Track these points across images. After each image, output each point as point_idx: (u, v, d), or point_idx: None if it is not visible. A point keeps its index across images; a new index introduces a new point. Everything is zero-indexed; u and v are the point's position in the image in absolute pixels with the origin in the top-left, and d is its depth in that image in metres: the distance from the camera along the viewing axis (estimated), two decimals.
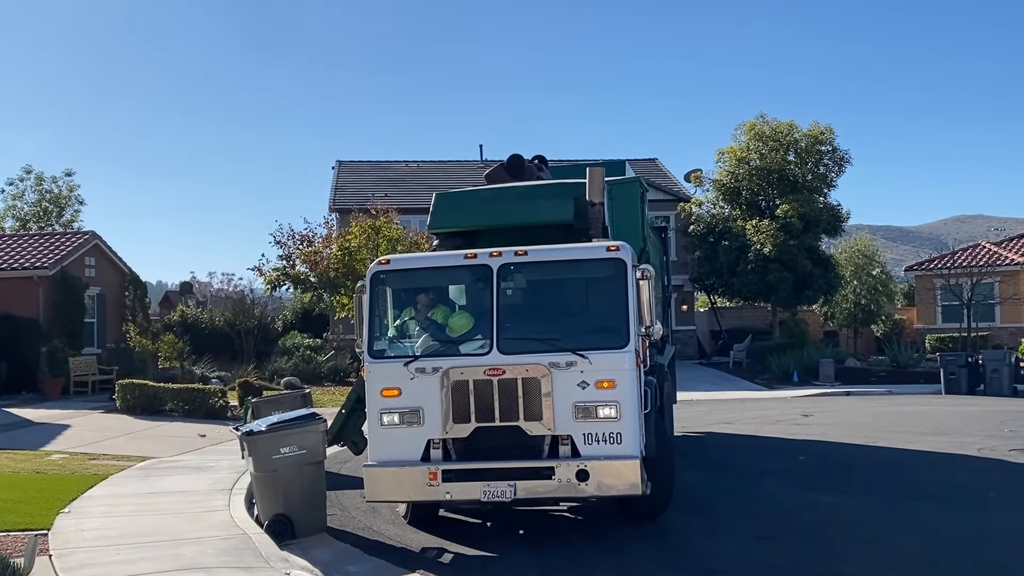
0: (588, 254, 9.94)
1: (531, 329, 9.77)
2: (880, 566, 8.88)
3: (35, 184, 45.38)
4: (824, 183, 36.30)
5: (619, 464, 9.16)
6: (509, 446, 9.39)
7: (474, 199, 12.40)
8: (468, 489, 9.41)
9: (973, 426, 18.47)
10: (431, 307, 10.17)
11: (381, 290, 10.16)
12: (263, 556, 9.12)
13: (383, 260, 10.34)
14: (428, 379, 9.48)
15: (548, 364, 9.27)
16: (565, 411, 9.24)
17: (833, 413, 21.47)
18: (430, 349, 9.80)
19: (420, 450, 9.52)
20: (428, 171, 42.83)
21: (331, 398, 25.77)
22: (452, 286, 10.62)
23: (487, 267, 9.70)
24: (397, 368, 9.62)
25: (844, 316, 40.81)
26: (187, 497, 12.00)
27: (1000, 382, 25.31)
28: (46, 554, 8.96)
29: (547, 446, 9.37)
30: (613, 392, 9.21)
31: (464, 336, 9.82)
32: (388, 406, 9.61)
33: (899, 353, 32.00)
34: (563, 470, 9.17)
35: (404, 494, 9.82)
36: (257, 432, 10.36)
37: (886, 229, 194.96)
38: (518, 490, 9.26)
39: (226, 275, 52.31)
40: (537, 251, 9.84)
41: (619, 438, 9.19)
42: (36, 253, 29.02)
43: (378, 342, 9.97)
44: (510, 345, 9.43)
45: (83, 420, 20.78)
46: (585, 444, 9.23)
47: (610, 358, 9.29)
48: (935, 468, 14.14)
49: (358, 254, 27.88)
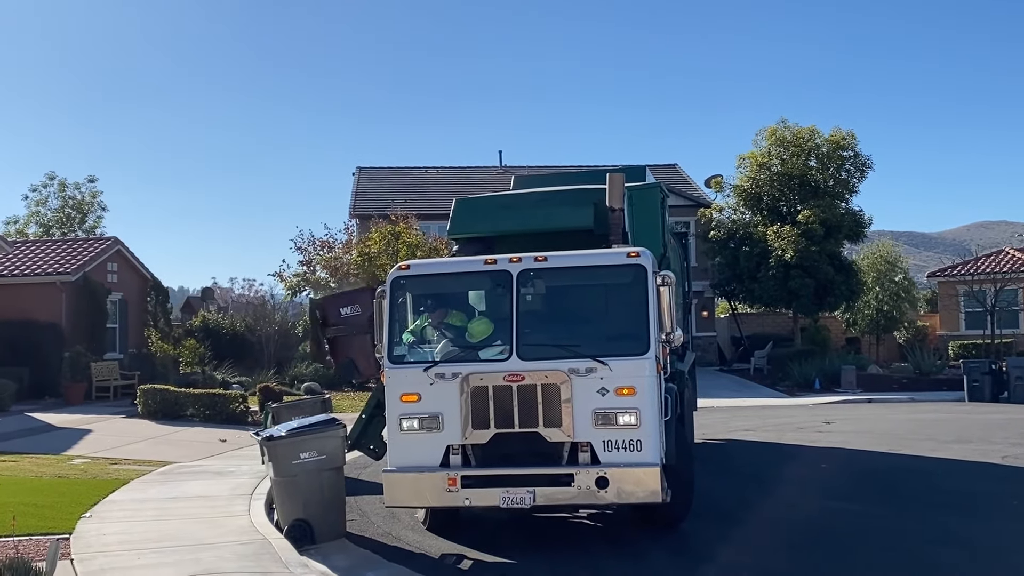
0: (608, 260, 9.90)
1: (550, 335, 9.75)
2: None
3: (58, 190, 45.72)
4: (846, 189, 36.07)
5: (639, 471, 9.10)
6: (528, 452, 9.35)
7: (493, 205, 12.40)
8: (487, 496, 9.37)
9: (997, 434, 18.31)
10: (451, 313, 10.15)
11: (401, 295, 10.14)
12: (283, 561, 9.15)
13: (403, 265, 10.31)
14: (447, 385, 9.46)
15: (568, 370, 9.24)
16: (585, 418, 9.20)
17: (855, 421, 21.34)
18: (449, 355, 9.78)
19: (439, 456, 9.49)
20: (448, 177, 42.92)
21: (350, 403, 25.83)
22: (472, 292, 10.62)
23: (507, 273, 9.68)
24: (417, 373, 9.60)
25: (866, 323, 40.55)
26: (208, 502, 12.05)
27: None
28: (68, 558, 9.01)
29: (566, 453, 9.32)
30: (633, 399, 9.16)
31: (483, 342, 9.79)
32: (408, 411, 9.59)
33: (922, 360, 31.78)
34: (583, 477, 9.14)
35: (423, 500, 9.80)
36: (277, 437, 10.41)
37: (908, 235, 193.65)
38: (537, 497, 9.22)
39: (247, 281, 52.62)
40: (557, 257, 9.83)
41: (639, 445, 9.14)
42: (59, 259, 29.24)
43: (398, 347, 9.95)
44: (530, 351, 9.41)
45: (105, 425, 20.91)
46: (605, 451, 9.18)
47: (630, 365, 9.24)
48: (958, 476, 14.02)
49: (378, 260, 27.93)
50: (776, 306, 37.38)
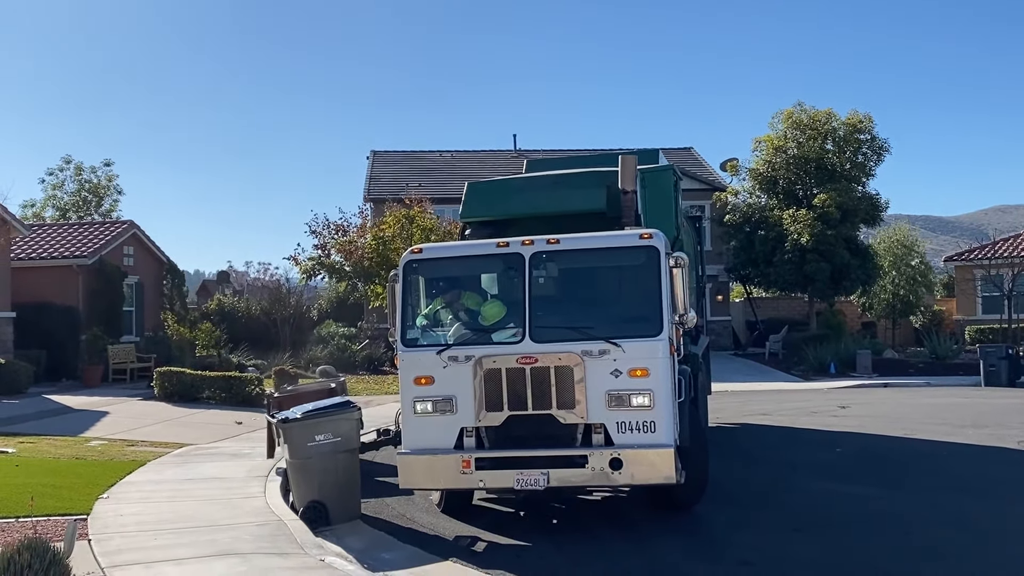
0: (621, 242, 9.91)
1: (563, 317, 9.75)
2: (917, 560, 8.79)
3: (75, 174, 45.97)
4: (862, 172, 35.89)
5: (653, 453, 9.11)
6: (542, 435, 9.38)
7: (506, 189, 12.41)
8: (501, 477, 9.42)
9: (1013, 418, 18.22)
10: (463, 296, 10.16)
11: (414, 279, 10.15)
12: (298, 542, 9.21)
13: (416, 249, 10.30)
14: (461, 367, 9.49)
15: (581, 352, 9.24)
16: (598, 399, 9.22)
17: (870, 405, 21.27)
18: (462, 337, 9.78)
19: (453, 438, 9.54)
20: (462, 160, 42.84)
21: (365, 387, 25.96)
22: (484, 275, 10.62)
23: (519, 255, 9.67)
24: (430, 356, 9.63)
25: (882, 307, 40.38)
26: (223, 484, 12.13)
27: None
28: (85, 539, 9.10)
29: (580, 435, 9.34)
30: (647, 380, 9.17)
31: (496, 324, 9.78)
32: (421, 394, 9.65)
33: (938, 345, 31.65)
34: (596, 459, 9.15)
35: (437, 482, 9.84)
36: (292, 420, 10.46)
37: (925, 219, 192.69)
38: (551, 478, 9.24)
39: (262, 264, 52.79)
40: (569, 239, 9.80)
41: (653, 427, 9.15)
42: (75, 242, 29.39)
43: (411, 331, 9.97)
44: (542, 333, 9.40)
45: (121, 407, 21.05)
46: (618, 433, 9.20)
47: (643, 346, 9.24)
48: (974, 461, 13.97)
49: (392, 243, 27.95)
50: (791, 290, 37.26)
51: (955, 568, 8.53)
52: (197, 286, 46.48)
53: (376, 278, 28.81)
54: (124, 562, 8.42)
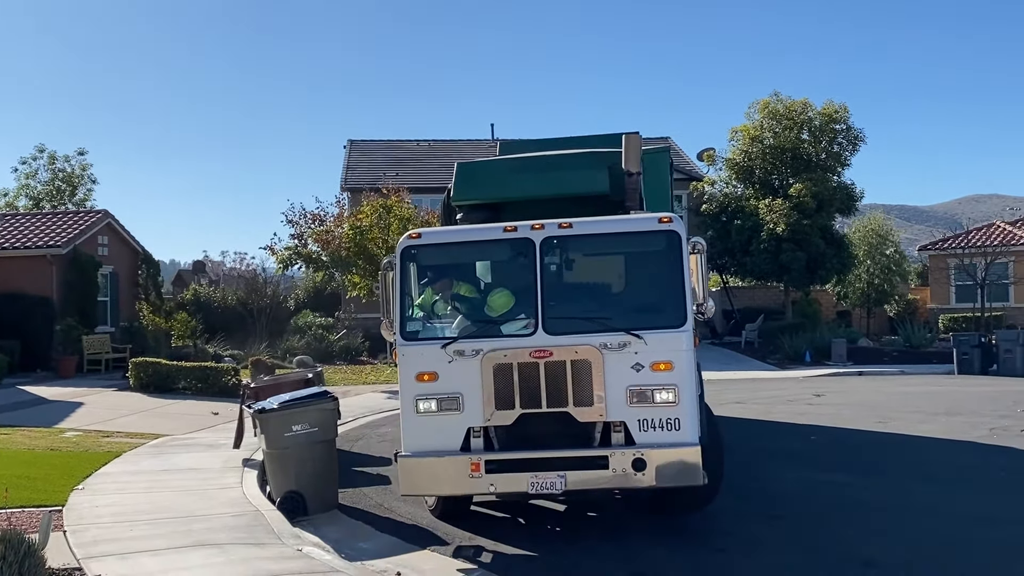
0: (639, 226, 9.25)
1: (578, 307, 9.11)
2: (890, 546, 8.90)
3: (48, 163, 45.41)
4: (838, 162, 36.11)
5: (679, 452, 8.52)
6: (557, 434, 8.74)
7: (500, 169, 11.49)
8: (514, 481, 8.69)
9: (986, 406, 18.44)
10: (466, 284, 9.56)
11: (412, 266, 9.35)
12: (275, 532, 9.21)
13: (414, 234, 9.43)
14: (468, 362, 8.77)
15: (599, 345, 8.61)
16: (618, 395, 8.59)
17: (845, 393, 21.46)
18: (467, 330, 9.06)
19: (459, 439, 8.79)
20: (439, 150, 42.69)
21: (343, 376, 25.92)
22: (487, 262, 9.92)
23: (529, 241, 8.93)
24: (434, 351, 8.88)
25: (857, 296, 40.69)
26: (200, 474, 12.10)
27: (1013, 362, 25.28)
28: (60, 530, 9.06)
29: (598, 433, 8.70)
30: (670, 375, 8.57)
31: (505, 315, 9.06)
32: (424, 392, 8.87)
33: (912, 333, 31.94)
34: (618, 459, 8.52)
35: (443, 487, 9.07)
36: (269, 410, 10.44)
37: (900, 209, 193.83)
38: (568, 481, 8.58)
39: (238, 254, 52.55)
40: (582, 223, 9.09)
41: (677, 424, 8.56)
42: (49, 232, 29.08)
43: (411, 323, 9.18)
44: (557, 325, 8.74)
45: (97, 398, 20.93)
46: (640, 431, 8.58)
47: (667, 338, 8.62)
48: (946, 449, 14.13)
49: (369, 233, 27.83)
50: (767, 279, 37.47)
51: (930, 554, 8.64)
52: (172, 276, 46.15)
53: (353, 268, 28.72)
54: (100, 553, 8.40)
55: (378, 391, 22.83)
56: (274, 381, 14.12)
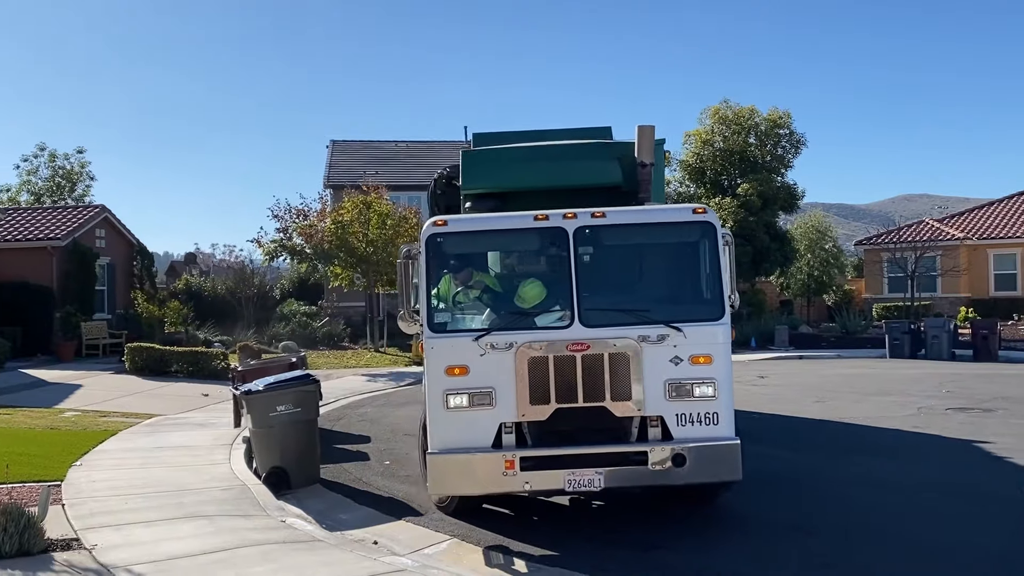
0: (674, 217, 8.73)
1: (614, 299, 8.44)
2: (829, 513, 8.99)
3: (48, 161, 44.83)
4: (782, 164, 36.42)
5: (720, 447, 7.99)
6: (592, 429, 8.06)
7: (509, 158, 10.54)
8: (549, 479, 7.96)
9: (914, 387, 18.67)
10: (494, 274, 8.89)
11: (438, 255, 8.38)
12: (261, 505, 9.16)
13: (439, 220, 8.45)
14: (501, 356, 7.99)
15: (637, 338, 7.95)
16: (656, 390, 7.96)
17: (787, 375, 21.66)
18: (500, 322, 8.24)
19: (491, 436, 8.01)
20: (416, 151, 42.52)
21: (326, 361, 25.79)
22: (514, 252, 9.19)
23: (562, 230, 8.16)
24: (465, 343, 8.05)
25: (798, 287, 41.10)
26: (191, 451, 12.01)
27: (940, 347, 25.63)
28: (59, 503, 8.96)
29: (635, 428, 8.07)
30: (709, 368, 8.00)
31: (537, 307, 8.26)
32: (455, 386, 8.03)
33: (848, 321, 32.26)
34: (658, 455, 7.91)
35: (477, 486, 8.18)
36: (255, 391, 10.37)
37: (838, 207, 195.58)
38: (606, 479, 7.92)
39: (227, 247, 52.18)
40: (616, 212, 8.39)
41: (716, 418, 8.00)
42: (50, 225, 28.85)
43: (439, 314, 8.28)
44: (594, 317, 8.04)
45: (94, 380, 20.71)
46: (678, 426, 7.98)
47: (705, 331, 8.05)
48: (880, 425, 14.28)
49: (351, 228, 27.79)
50: None
51: (865, 520, 8.74)
52: (166, 267, 45.66)
53: (335, 260, 28.64)
54: (96, 524, 8.31)
55: (358, 375, 22.76)
56: (260, 365, 14.06)
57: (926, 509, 9.14)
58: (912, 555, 7.64)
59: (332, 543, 7.98)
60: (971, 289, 37.22)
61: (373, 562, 7.35)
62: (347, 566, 7.20)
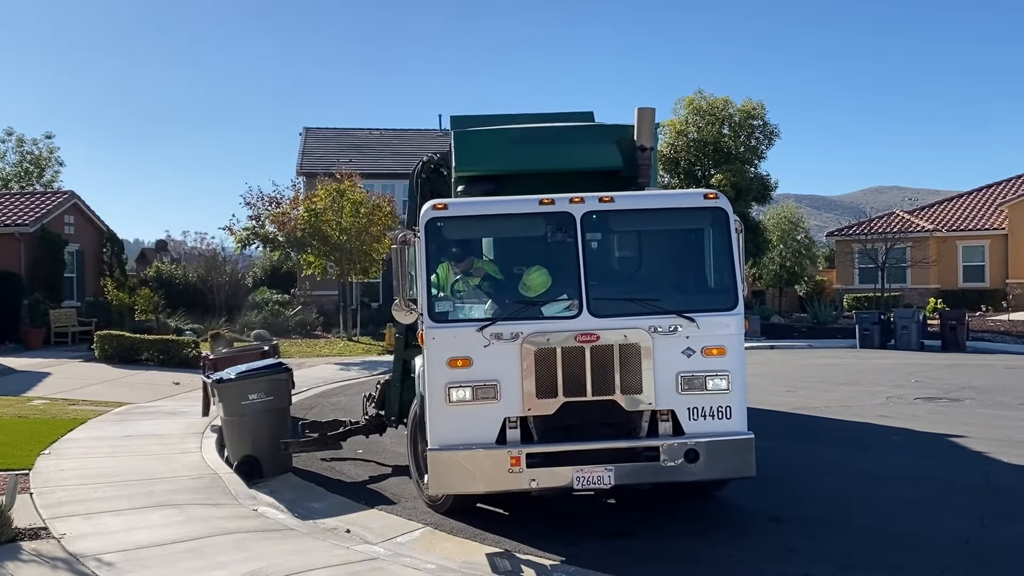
0: (684, 202, 8.54)
1: (623, 288, 8.14)
2: (796, 501, 9.08)
3: (16, 146, 44.26)
4: (755, 155, 36.63)
5: (735, 442, 7.73)
6: (601, 423, 7.77)
7: (504, 139, 9.94)
8: (557, 476, 7.61)
9: (883, 377, 18.88)
10: (496, 261, 8.56)
11: (438, 240, 7.95)
12: (232, 494, 9.13)
13: (439, 204, 8.04)
14: (506, 347, 7.62)
15: (649, 328, 7.63)
16: (668, 382, 7.65)
17: (758, 365, 21.75)
18: (504, 311, 7.82)
19: (495, 431, 7.65)
20: (389, 139, 42.41)
21: (298, 349, 25.71)
22: (515, 237, 8.71)
23: (569, 215, 7.79)
24: (468, 334, 7.65)
25: (770, 277, 41.41)
26: (161, 440, 11.94)
27: (909, 338, 25.95)
28: (27, 492, 8.88)
29: (646, 423, 7.74)
30: (723, 360, 7.71)
31: (543, 296, 7.88)
32: (457, 379, 7.63)
33: (819, 311, 32.59)
34: (670, 450, 7.59)
35: (481, 484, 7.77)
36: (227, 380, 10.35)
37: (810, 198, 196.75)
38: (616, 475, 7.60)
39: (199, 234, 51.75)
40: (625, 197, 8.10)
41: (728, 412, 7.74)
42: (17, 211, 28.54)
43: (440, 303, 7.88)
44: (604, 307, 7.68)
45: (63, 368, 20.52)
46: (690, 420, 7.69)
47: (718, 321, 7.75)
48: (847, 414, 14.45)
49: (324, 216, 27.69)
50: None
51: (832, 509, 8.84)
52: (136, 254, 45.22)
53: (308, 248, 28.53)
54: (65, 514, 8.25)
55: (331, 363, 22.71)
56: (232, 353, 14.00)
57: (893, 497, 9.26)
58: (878, 542, 7.75)
59: (304, 532, 7.97)
60: (940, 280, 37.72)
61: (346, 551, 7.35)
62: (320, 554, 7.19)
